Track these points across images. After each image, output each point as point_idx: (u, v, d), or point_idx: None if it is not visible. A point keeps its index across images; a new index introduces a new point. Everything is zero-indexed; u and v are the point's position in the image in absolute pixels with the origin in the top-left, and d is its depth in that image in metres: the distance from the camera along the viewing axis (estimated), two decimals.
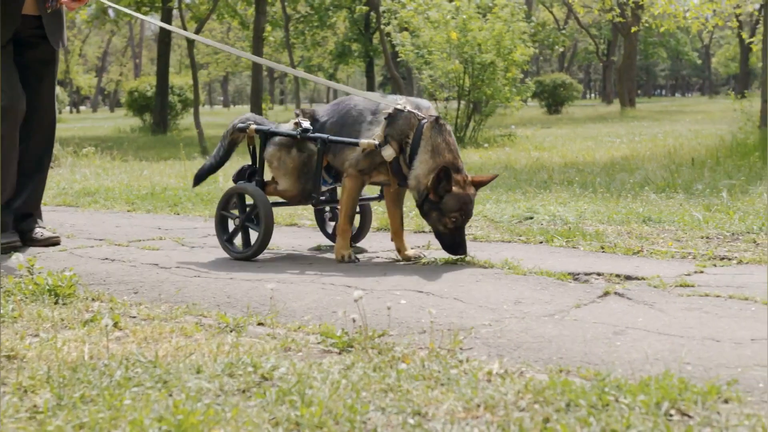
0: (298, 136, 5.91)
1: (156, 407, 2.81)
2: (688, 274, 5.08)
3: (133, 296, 4.88)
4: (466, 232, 5.78)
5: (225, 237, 6.03)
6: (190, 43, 28.59)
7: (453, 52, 18.33)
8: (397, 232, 5.97)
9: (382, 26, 25.11)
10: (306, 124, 5.94)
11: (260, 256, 5.93)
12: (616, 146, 17.96)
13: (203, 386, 3.04)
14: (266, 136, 6.08)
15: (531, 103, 46.35)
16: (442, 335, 3.77)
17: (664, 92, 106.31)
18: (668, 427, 2.63)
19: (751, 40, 20.74)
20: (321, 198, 6.03)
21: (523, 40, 19.64)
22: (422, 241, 6.34)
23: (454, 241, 5.63)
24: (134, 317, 4.28)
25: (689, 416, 2.76)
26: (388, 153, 5.70)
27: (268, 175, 6.16)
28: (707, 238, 6.34)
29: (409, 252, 5.90)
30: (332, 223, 6.59)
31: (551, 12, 64.23)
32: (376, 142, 5.70)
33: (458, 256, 5.64)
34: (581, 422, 2.69)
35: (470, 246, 6.14)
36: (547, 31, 56.67)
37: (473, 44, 18.22)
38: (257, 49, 27.27)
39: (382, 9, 25.12)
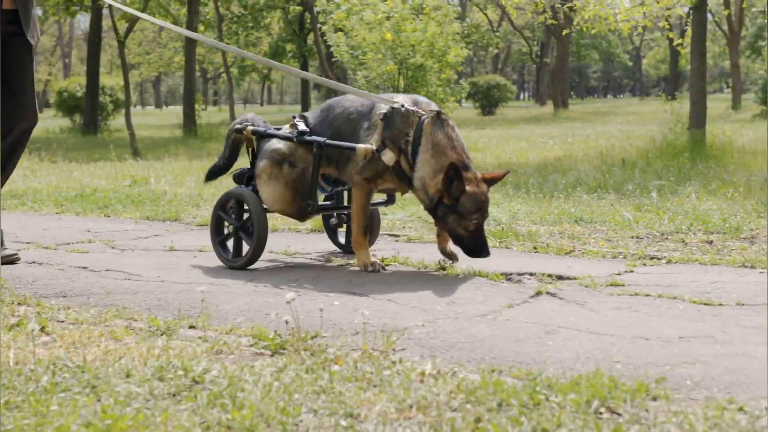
0: (294, 139, 5.64)
1: (84, 413, 2.76)
2: (619, 274, 5.14)
3: (61, 300, 4.79)
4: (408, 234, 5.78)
5: (218, 239, 5.77)
6: (121, 43, 28.23)
7: (387, 53, 18.34)
8: (441, 233, 5.58)
9: (318, 26, 25.06)
10: (302, 126, 5.71)
11: (202, 259, 5.88)
12: (549, 147, 18.15)
13: (132, 391, 3.00)
14: (261, 137, 5.82)
15: (465, 104, 46.66)
16: (376, 336, 3.76)
17: (596, 94, 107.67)
18: (597, 425, 2.65)
19: (680, 41, 21.06)
20: (319, 206, 5.77)
21: (457, 41, 19.71)
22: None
23: (476, 244, 5.28)
24: (62, 321, 4.20)
25: (618, 414, 2.78)
26: (388, 157, 5.35)
27: None
28: (637, 238, 6.43)
29: (453, 248, 5.58)
30: (340, 230, 6.33)
31: (485, 14, 64.64)
32: (374, 147, 5.38)
33: (483, 258, 5.31)
34: (512, 421, 2.70)
35: (403, 247, 6.17)
36: (481, 32, 57.11)
37: (407, 45, 18.24)
38: (190, 50, 27.05)
39: (316, 9, 25.06)
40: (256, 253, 5.53)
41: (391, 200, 6.07)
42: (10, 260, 5.90)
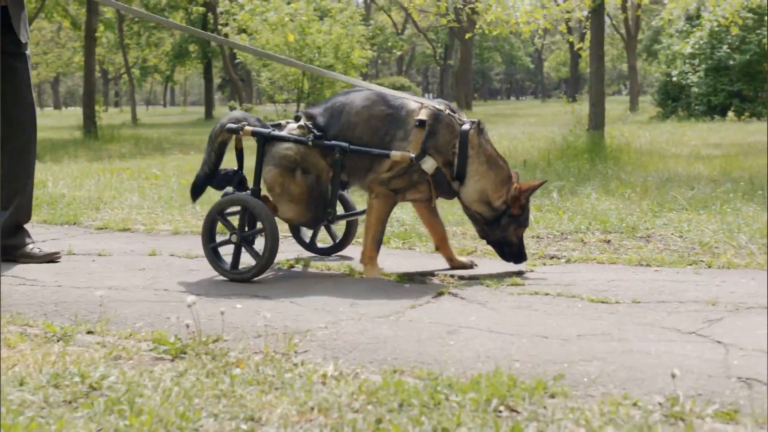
0: (310, 143, 5.21)
1: None
2: (520, 273, 5.22)
3: None
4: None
5: (211, 245, 5.29)
6: None
7: (292, 54, 18.29)
8: (443, 241, 5.53)
9: (219, 27, 24.80)
10: (310, 125, 5.30)
11: (101, 263, 5.77)
12: None
13: (26, 399, 2.93)
14: (265, 140, 5.32)
15: None
16: (278, 339, 3.75)
17: (499, 96, 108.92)
18: (496, 423, 2.68)
19: (580, 45, 21.45)
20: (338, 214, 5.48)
21: (362, 43, 19.78)
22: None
23: (521, 250, 5.36)
24: None
25: (517, 412, 2.82)
26: (429, 165, 5.13)
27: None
28: (538, 237, 6.52)
29: (462, 259, 5.56)
30: (309, 232, 6.08)
31: (389, 16, 64.92)
32: (413, 155, 5.13)
33: (523, 262, 5.39)
34: (413, 422, 2.72)
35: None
36: (386, 34, 57.32)
37: (312, 47, 18.23)
38: (89, 50, 26.51)
39: (219, 10, 24.84)
40: (269, 263, 5.14)
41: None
42: (51, 259, 5.89)
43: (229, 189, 5.48)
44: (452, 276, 5.16)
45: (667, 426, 2.69)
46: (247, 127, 5.34)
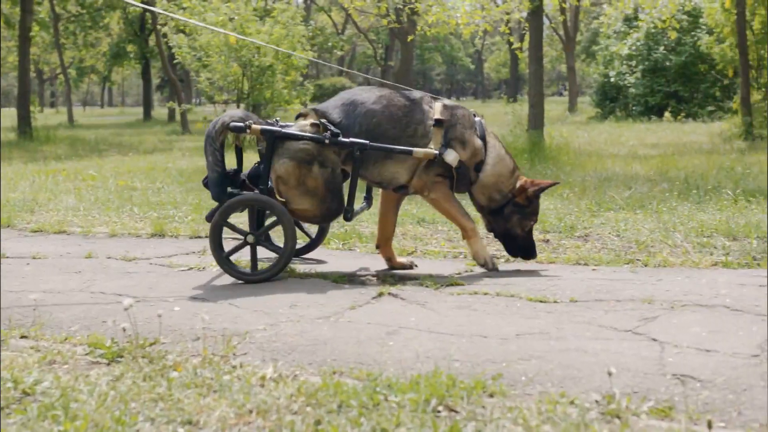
0: (327, 141, 5.11)
1: None
2: (459, 274, 5.24)
3: None
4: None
5: (225, 254, 5.15)
6: None
7: (231, 55, 18.17)
8: (388, 241, 5.55)
9: (157, 27, 24.55)
10: (331, 127, 5.17)
11: (36, 266, 5.67)
12: None
13: None
14: (275, 138, 5.15)
15: (312, 105, 46.69)
16: (216, 341, 3.72)
17: (441, 96, 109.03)
18: (435, 423, 2.69)
19: (518, 46, 21.62)
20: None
21: (302, 44, 19.72)
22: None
23: (529, 245, 5.44)
24: None
25: (456, 411, 2.83)
26: (453, 157, 5.21)
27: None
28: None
29: (402, 259, 5.56)
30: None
31: (330, 16, 64.82)
32: (436, 152, 5.20)
33: (531, 258, 5.47)
34: (352, 423, 2.72)
35: (246, 251, 6.10)
36: (326, 35, 57.17)
37: (252, 47, 18.13)
38: (24, 50, 26.09)
39: (157, 10, 24.58)
40: (291, 256, 5.14)
41: (368, 204, 5.86)
42: None
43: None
44: (392, 276, 5.16)
45: (604, 423, 2.71)
46: (255, 126, 5.20)
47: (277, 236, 5.40)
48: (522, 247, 5.45)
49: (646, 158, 13.27)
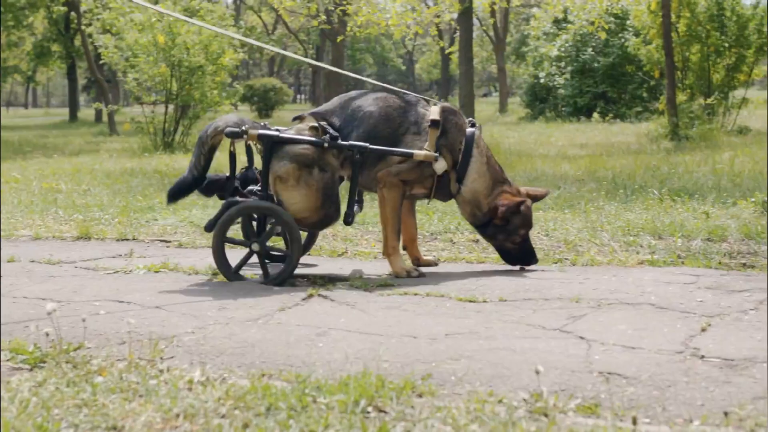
0: (326, 145, 5.07)
1: None
2: (390, 274, 5.24)
3: None
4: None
5: (233, 269, 5.10)
6: None
7: (160, 55, 17.98)
8: (413, 241, 5.55)
9: (83, 27, 24.17)
10: (331, 130, 5.14)
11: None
12: None
13: None
14: (273, 143, 5.08)
15: (241, 107, 46.38)
16: (143, 345, 3.66)
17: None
18: (364, 424, 2.68)
19: (451, 50, 21.77)
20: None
21: (232, 44, 19.58)
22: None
23: (524, 255, 5.33)
24: None
25: (385, 412, 2.83)
26: (441, 166, 5.18)
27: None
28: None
29: (428, 258, 5.58)
30: None
31: (260, 17, 64.53)
32: (437, 154, 5.15)
33: (532, 265, 5.37)
34: (281, 425, 2.70)
35: (174, 253, 6.05)
36: (256, 35, 56.89)
37: (181, 48, 17.95)
38: None
39: (83, 9, 24.26)
40: (297, 263, 5.06)
41: (360, 208, 5.73)
42: None
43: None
44: (322, 277, 5.14)
45: (531, 421, 2.73)
46: (253, 131, 5.11)
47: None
48: (518, 257, 5.37)
49: (575, 158, 13.43)
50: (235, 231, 5.69)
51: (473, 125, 5.36)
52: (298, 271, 5.19)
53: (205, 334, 3.90)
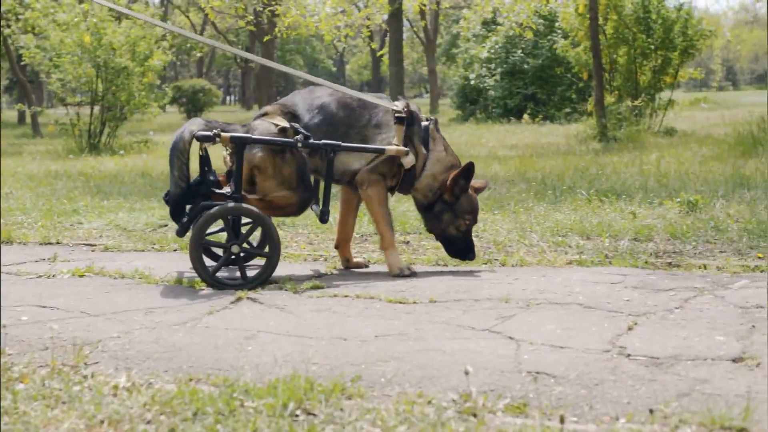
0: (299, 145, 5.08)
1: None
2: (319, 276, 5.22)
3: None
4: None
5: (212, 270, 4.97)
6: None
7: (85, 56, 17.69)
8: (347, 242, 5.54)
9: (1, 29, 23.70)
10: (302, 129, 5.12)
11: None
12: None
13: None
14: (244, 144, 5.04)
15: (170, 108, 45.91)
16: (66, 351, 3.59)
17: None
18: (292, 427, 2.66)
19: (382, 52, 21.81)
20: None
21: (161, 45, 19.36)
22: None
23: (466, 245, 5.37)
24: None
25: (314, 415, 2.80)
26: (410, 160, 5.27)
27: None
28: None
29: (358, 260, 5.58)
30: None
31: (188, 17, 63.93)
32: (407, 149, 5.23)
33: (468, 260, 5.41)
34: (208, 430, 2.67)
35: (100, 256, 5.96)
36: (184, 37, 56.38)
37: (107, 48, 17.69)
38: None
39: (3, 9, 23.80)
40: (276, 263, 5.02)
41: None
42: None
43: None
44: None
45: (460, 422, 2.73)
46: (225, 134, 5.04)
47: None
48: (459, 248, 5.42)
49: (505, 159, 13.52)
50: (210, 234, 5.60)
51: (428, 119, 5.45)
52: (223, 274, 5.14)
53: (131, 338, 3.83)
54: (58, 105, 22.81)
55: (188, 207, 5.12)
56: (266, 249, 5.08)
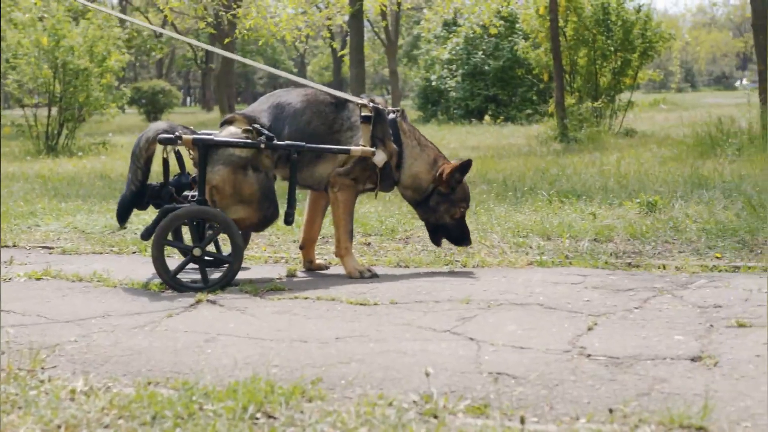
0: (263, 146, 4.99)
1: None
2: (280, 278, 5.20)
3: None
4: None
5: (173, 272, 4.91)
6: None
7: (42, 56, 17.51)
8: (312, 243, 5.52)
9: None
10: (265, 131, 5.04)
11: None
12: None
13: None
14: (208, 147, 4.97)
15: (129, 110, 45.56)
16: (22, 355, 3.54)
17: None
18: (252, 430, 2.64)
19: (343, 53, 21.80)
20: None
21: (118, 46, 19.22)
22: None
23: (462, 231, 5.47)
24: None
25: (274, 418, 2.79)
26: (381, 158, 5.22)
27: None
28: (297, 241, 6.50)
29: (320, 262, 5.57)
30: None
31: (147, 18, 63.54)
32: (373, 149, 5.19)
33: (466, 246, 5.56)
34: None
35: (57, 259, 5.90)
36: (143, 37, 55.99)
37: (65, 49, 17.52)
38: None
39: None
40: (239, 267, 4.99)
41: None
42: None
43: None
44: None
45: (421, 424, 2.72)
46: (187, 136, 4.99)
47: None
48: (454, 236, 5.52)
49: None
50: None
51: (394, 112, 5.42)
52: (185, 276, 5.09)
53: (89, 342, 3.79)
54: (15, 106, 22.54)
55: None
56: (229, 254, 5.04)
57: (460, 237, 5.52)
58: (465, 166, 5.40)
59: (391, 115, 5.39)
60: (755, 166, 9.99)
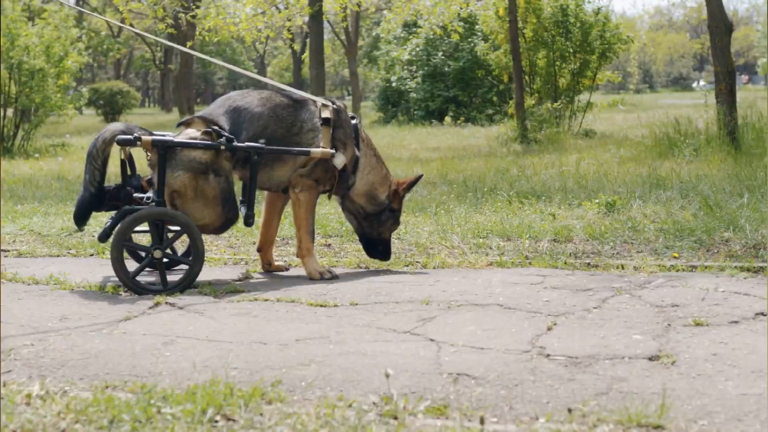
0: (223, 147, 4.96)
1: None
2: (240, 280, 5.17)
3: None
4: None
5: (132, 274, 4.85)
6: None
7: None
8: (270, 244, 5.51)
9: None
10: (225, 132, 5.02)
11: None
12: None
13: None
14: (167, 148, 4.92)
15: (87, 111, 45.19)
16: None
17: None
18: None
19: (305, 56, 21.75)
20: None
21: (76, 47, 19.06)
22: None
23: (389, 248, 5.56)
24: None
25: (234, 420, 2.77)
26: (340, 160, 5.22)
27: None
28: (254, 243, 6.47)
29: (279, 263, 5.56)
30: None
31: (105, 19, 63.07)
32: (333, 150, 5.18)
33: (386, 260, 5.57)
34: None
35: (13, 262, 5.84)
36: (101, 38, 55.56)
37: (21, 49, 17.35)
38: None
39: None
40: (199, 269, 4.95)
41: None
42: None
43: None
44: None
45: (381, 425, 2.71)
46: (146, 137, 4.93)
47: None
48: (383, 251, 5.57)
49: (427, 161, 13.59)
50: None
51: (353, 118, 5.45)
52: (144, 278, 5.05)
53: (45, 346, 3.74)
54: None
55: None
56: (190, 257, 5.03)
57: (387, 252, 5.59)
58: (416, 180, 5.59)
59: (354, 120, 5.41)
60: (712, 167, 10.10)
